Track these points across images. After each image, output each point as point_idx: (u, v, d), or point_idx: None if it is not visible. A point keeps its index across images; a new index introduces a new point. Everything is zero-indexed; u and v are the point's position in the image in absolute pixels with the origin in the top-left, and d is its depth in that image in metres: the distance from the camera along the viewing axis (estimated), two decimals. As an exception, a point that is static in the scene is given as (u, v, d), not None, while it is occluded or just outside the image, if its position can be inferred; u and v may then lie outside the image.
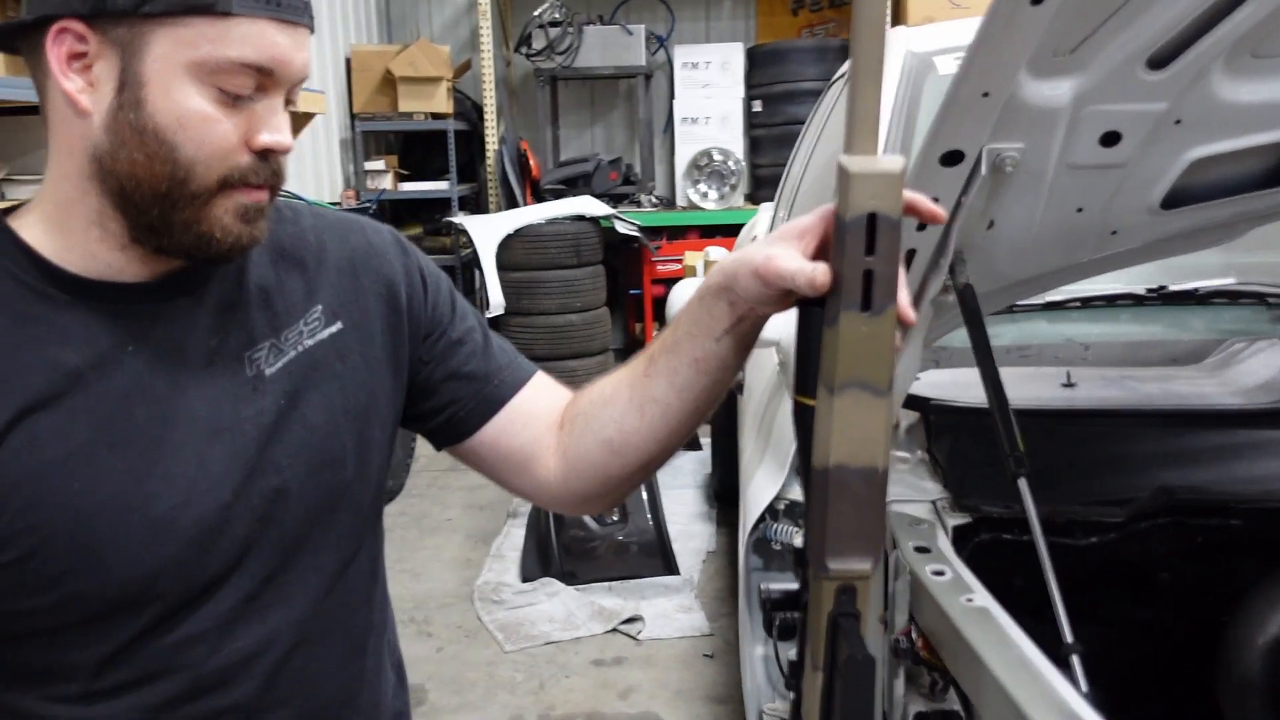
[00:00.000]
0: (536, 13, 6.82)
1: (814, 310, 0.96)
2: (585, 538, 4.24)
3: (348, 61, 6.67)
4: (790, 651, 1.28)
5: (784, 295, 0.97)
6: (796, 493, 1.75)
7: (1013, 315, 1.59)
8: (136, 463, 0.92)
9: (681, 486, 4.97)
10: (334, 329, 1.07)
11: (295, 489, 1.01)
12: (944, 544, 1.24)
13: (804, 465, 1.03)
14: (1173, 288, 1.54)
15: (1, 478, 0.87)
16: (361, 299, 1.10)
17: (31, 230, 0.93)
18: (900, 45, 2.23)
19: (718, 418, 4.57)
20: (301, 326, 1.05)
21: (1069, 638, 1.06)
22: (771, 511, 1.73)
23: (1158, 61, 1.12)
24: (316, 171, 6.23)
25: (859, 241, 0.90)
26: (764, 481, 1.83)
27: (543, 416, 1.17)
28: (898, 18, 6.62)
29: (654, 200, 7.17)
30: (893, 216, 0.90)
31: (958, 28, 2.48)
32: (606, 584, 4.00)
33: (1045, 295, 1.58)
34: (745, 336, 1.06)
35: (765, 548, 1.79)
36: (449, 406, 1.15)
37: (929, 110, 2.06)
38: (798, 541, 1.70)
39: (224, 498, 0.96)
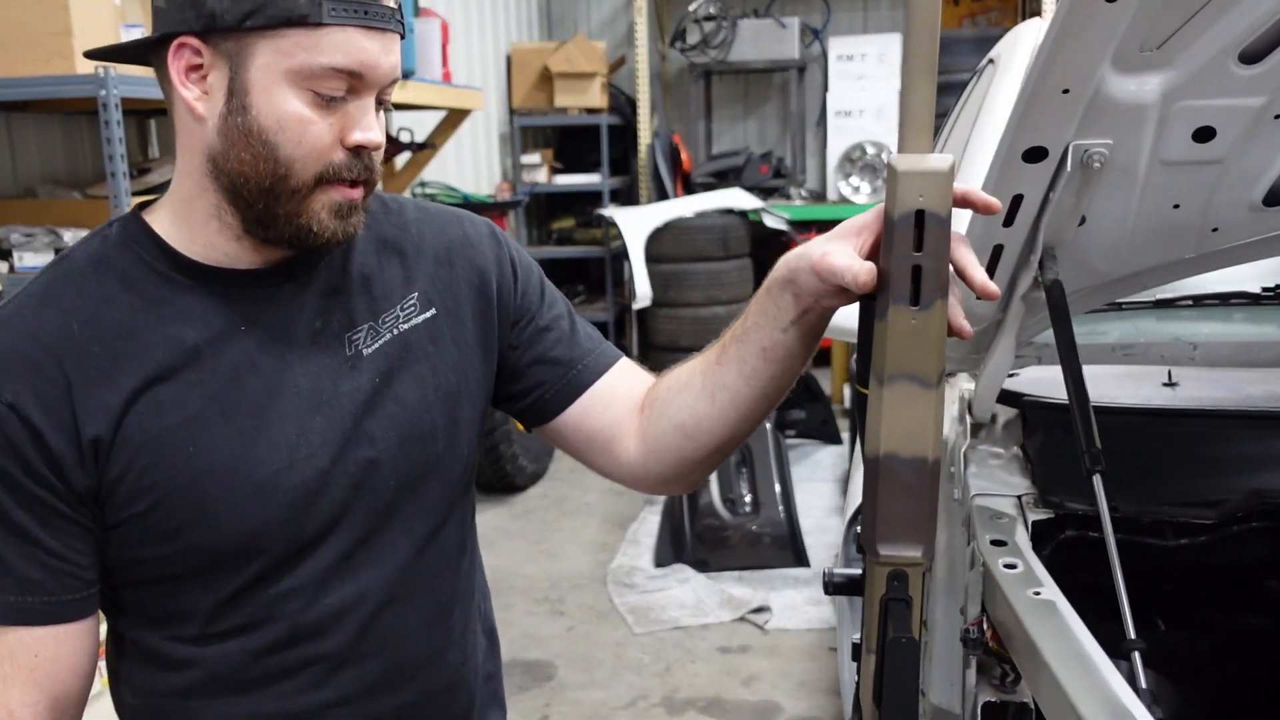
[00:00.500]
0: (691, 7, 6.89)
1: (871, 304, 0.99)
2: (718, 527, 4.29)
3: (508, 59, 6.88)
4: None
5: (842, 290, 1.01)
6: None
7: (1121, 313, 1.56)
8: (245, 430, 1.03)
9: (819, 480, 4.97)
10: (428, 314, 1.16)
11: (388, 459, 1.10)
12: (1021, 538, 1.24)
13: (862, 453, 1.06)
14: (1291, 287, 1.49)
15: (129, 440, 0.99)
16: (455, 287, 1.18)
17: (161, 222, 1.05)
18: (1029, 40, 2.20)
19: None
20: (398, 311, 1.14)
21: (1131, 634, 1.06)
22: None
23: (1251, 56, 1.09)
24: (476, 165, 6.47)
25: (907, 238, 0.93)
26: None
27: (624, 400, 1.23)
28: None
29: (804, 194, 7.14)
30: (940, 214, 0.92)
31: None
32: (737, 573, 4.05)
33: (1156, 292, 1.55)
34: (812, 327, 1.09)
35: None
36: (536, 389, 1.23)
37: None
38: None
39: (322, 464, 1.06)
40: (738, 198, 6.51)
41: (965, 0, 7.46)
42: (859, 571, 1.13)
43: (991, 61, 2.49)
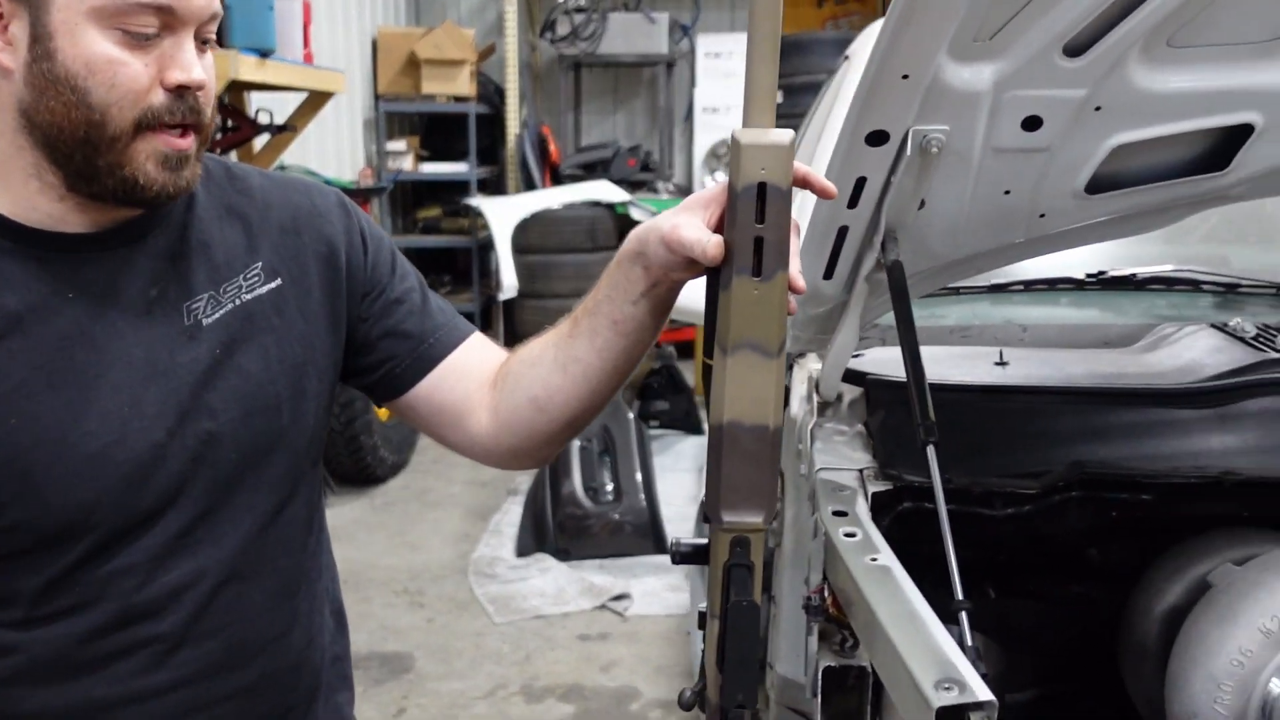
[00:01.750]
0: (561, -1, 6.88)
1: (717, 276, 1.01)
2: (580, 515, 4.31)
3: (374, 42, 6.75)
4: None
5: (691, 262, 1.03)
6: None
7: (958, 297, 1.63)
8: (74, 401, 0.99)
9: (681, 470, 5.03)
10: (273, 285, 1.13)
11: (229, 432, 1.07)
12: (861, 509, 1.29)
13: (707, 421, 1.08)
14: (1112, 273, 1.58)
15: None
16: (301, 257, 1.16)
17: None
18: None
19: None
20: (241, 281, 1.11)
21: (959, 595, 1.11)
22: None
23: (1074, 49, 1.16)
24: (338, 150, 6.32)
25: (749, 210, 0.95)
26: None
27: (476, 374, 1.23)
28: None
29: (671, 188, 7.21)
30: (782, 186, 0.95)
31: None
32: (599, 561, 4.07)
33: (989, 277, 1.62)
34: (661, 300, 1.11)
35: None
36: (386, 363, 1.21)
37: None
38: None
39: (157, 437, 1.02)
40: (606, 190, 6.54)
41: (828, 3, 7.65)
42: (704, 541, 1.16)
43: (847, 58, 2.57)
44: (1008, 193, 1.31)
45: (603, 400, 1.19)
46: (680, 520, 4.38)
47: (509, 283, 6.12)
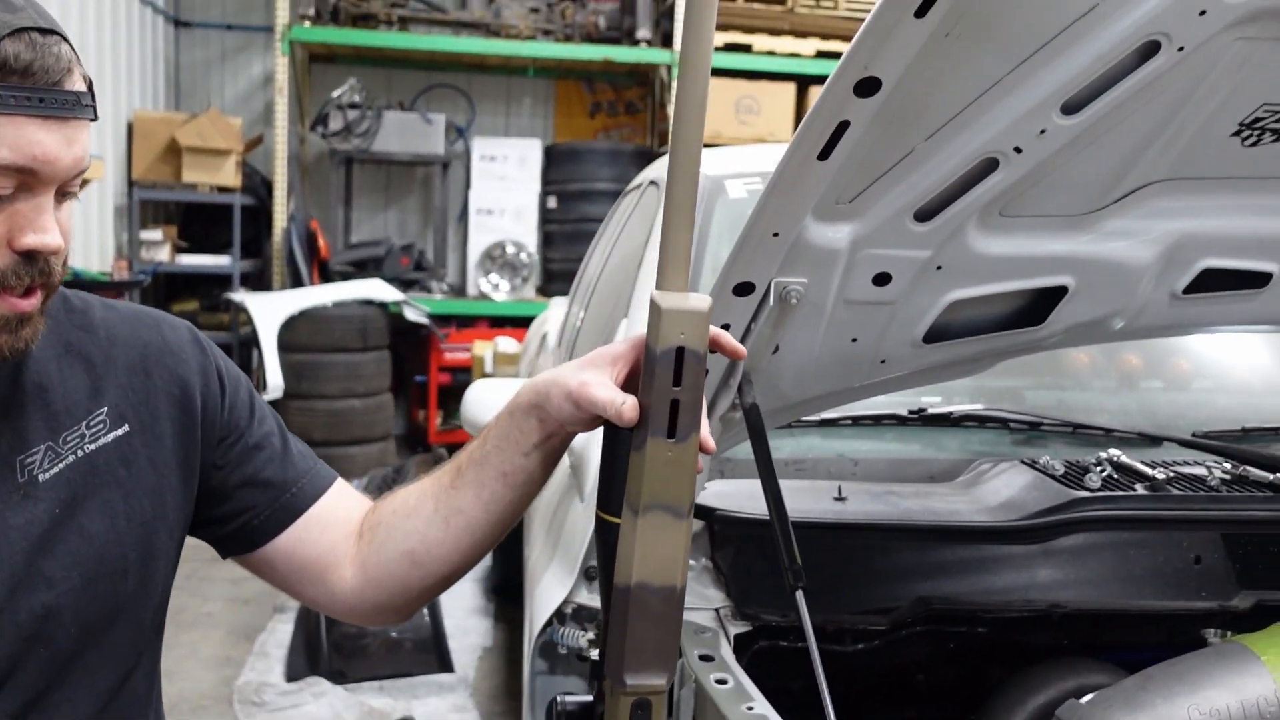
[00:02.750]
0: (335, 93, 6.77)
1: (620, 433, 1.01)
2: (356, 634, 4.11)
3: (129, 126, 6.39)
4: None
5: (594, 418, 1.02)
6: (584, 597, 1.78)
7: (791, 430, 1.69)
8: None
9: (462, 580, 4.90)
10: (119, 432, 1.03)
11: (69, 605, 0.95)
12: (726, 652, 1.29)
13: (604, 579, 1.07)
14: (930, 410, 1.69)
15: None
16: (152, 400, 1.07)
17: None
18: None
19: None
20: (84, 430, 1.01)
21: (837, 741, 1.13)
22: (559, 615, 1.75)
23: (924, 215, 1.25)
24: (87, 239, 5.89)
25: (667, 373, 0.96)
26: (552, 584, 1.85)
27: (341, 525, 1.16)
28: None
29: (445, 288, 7.16)
30: (699, 351, 0.97)
31: (745, 153, 2.65)
32: (378, 683, 3.87)
33: (820, 414, 1.70)
34: (553, 452, 1.10)
35: (551, 651, 1.81)
36: (243, 514, 1.13)
37: (720, 230, 2.20)
38: (585, 647, 1.73)
39: None
40: (378, 288, 6.40)
41: (600, 115, 7.91)
42: (588, 699, 1.13)
43: (654, 184, 2.65)
44: (855, 340, 1.39)
45: (482, 554, 1.15)
46: (461, 634, 4.26)
47: (274, 383, 5.83)
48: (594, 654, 1.57)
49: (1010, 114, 1.15)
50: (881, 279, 1.32)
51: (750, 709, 1.16)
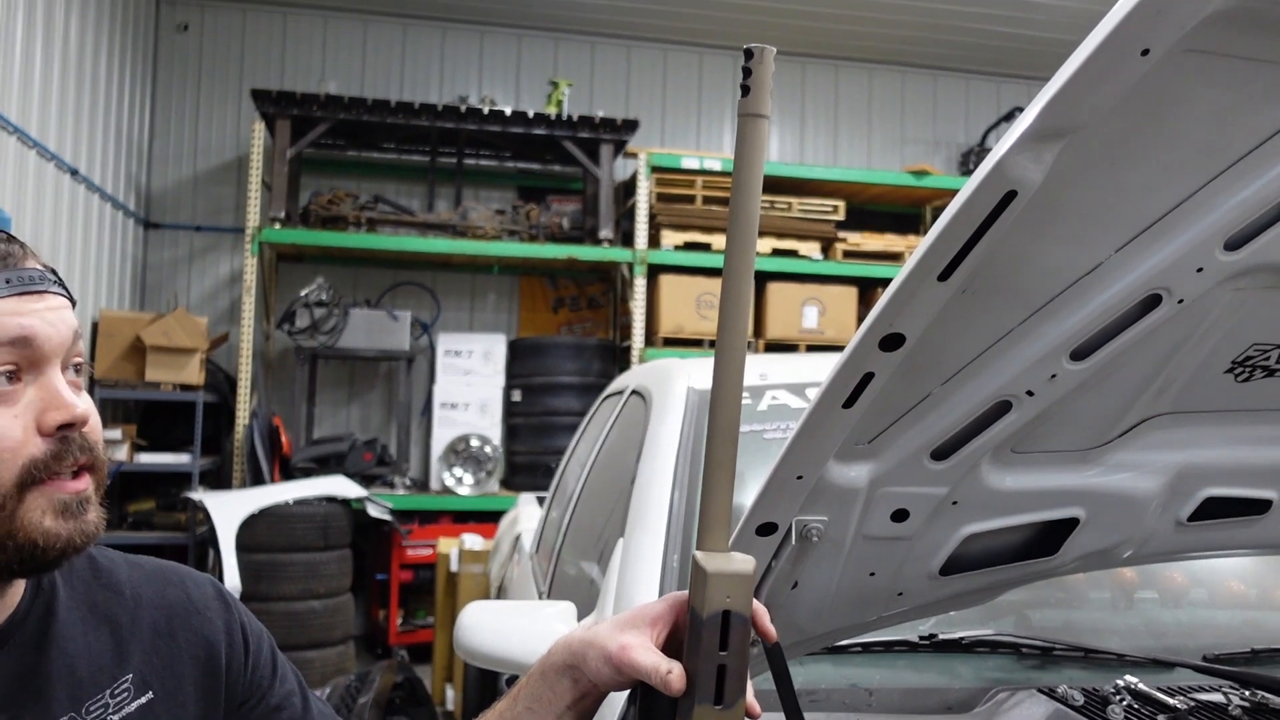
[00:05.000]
0: (303, 292, 6.86)
1: (659, 697, 0.99)
2: None
3: (95, 325, 6.39)
4: None
5: (634, 681, 1.00)
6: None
7: (800, 659, 1.67)
8: None
9: (427, 796, 4.65)
10: (144, 699, 1.00)
11: None
12: None
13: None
14: (942, 636, 1.68)
15: None
16: (177, 664, 1.04)
17: None
18: (681, 380, 2.41)
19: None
20: (108, 699, 0.98)
21: None
22: None
23: (940, 454, 1.28)
24: (44, 438, 5.79)
25: (714, 637, 0.95)
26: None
27: None
28: (651, 324, 7.10)
29: (408, 483, 7.09)
30: (745, 614, 0.96)
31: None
32: None
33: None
34: (586, 712, 1.07)
35: None
36: None
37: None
38: None
39: None
40: (341, 485, 6.32)
41: (563, 310, 8.07)
42: None
43: (638, 394, 2.69)
44: (872, 574, 1.39)
45: None
46: None
47: (232, 584, 5.65)
48: None
49: (1022, 361, 1.20)
50: (899, 515, 1.33)
51: None
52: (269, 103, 6.67)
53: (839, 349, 1.36)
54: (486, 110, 6.98)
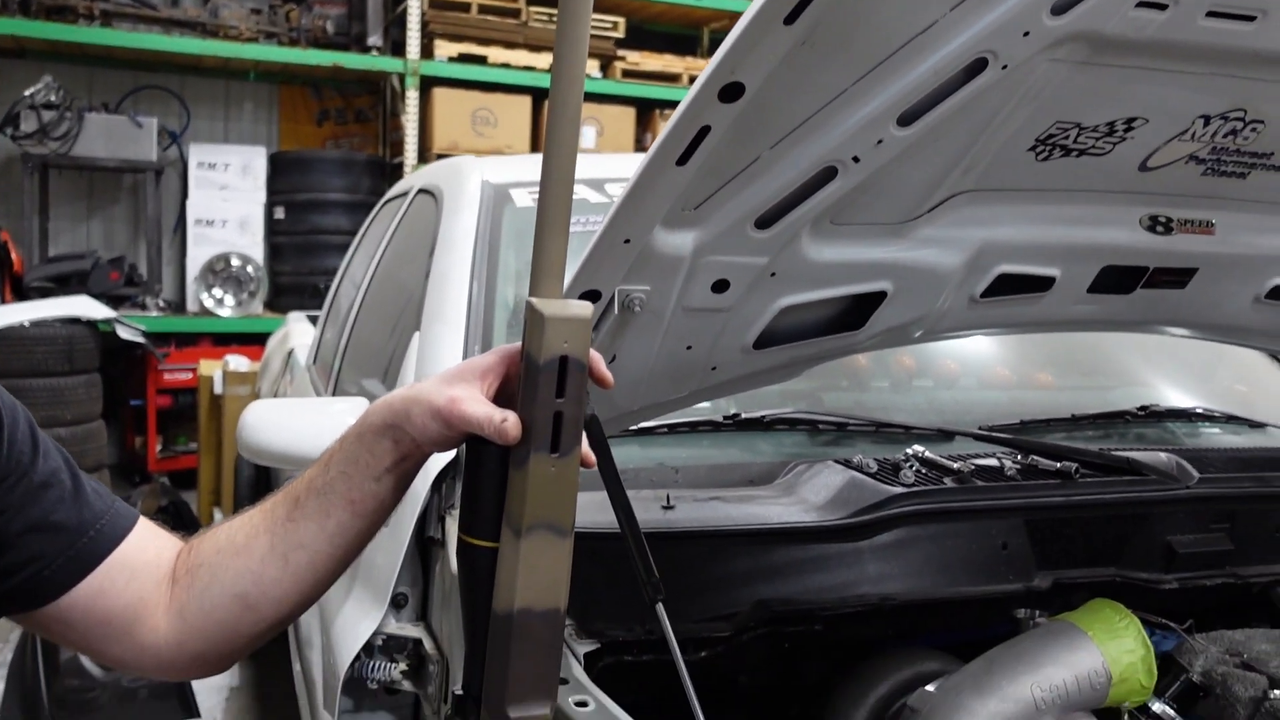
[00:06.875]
0: (28, 91, 6.11)
1: (489, 451, 0.95)
2: (83, 687, 3.71)
3: None
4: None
5: (461, 436, 0.96)
6: (394, 627, 1.68)
7: (610, 439, 1.67)
8: None
9: (199, 618, 4.54)
10: None
11: None
12: (580, 673, 1.25)
13: (470, 607, 1.00)
14: (744, 415, 1.72)
15: None
16: None
17: None
18: (475, 175, 2.30)
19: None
20: None
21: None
22: (368, 648, 1.64)
23: (763, 222, 1.27)
24: None
25: (550, 384, 0.91)
26: (356, 616, 1.73)
27: (150, 570, 1.03)
28: (424, 141, 6.81)
29: (161, 304, 6.63)
30: (582, 360, 0.92)
31: (527, 163, 2.61)
32: (114, 739, 3.52)
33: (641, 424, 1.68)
34: (406, 476, 1.02)
35: (358, 687, 1.69)
36: (30, 564, 0.98)
37: (509, 239, 2.14)
38: (399, 679, 1.63)
39: None
40: (84, 306, 5.83)
41: (328, 123, 7.60)
42: (453, 736, 1.06)
43: (426, 193, 2.55)
44: (689, 348, 1.39)
45: (324, 591, 1.06)
46: (205, 676, 3.93)
47: (-37, 413, 5.19)
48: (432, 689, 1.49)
49: (852, 124, 1.19)
50: (720, 286, 1.32)
51: (620, 730, 1.12)
52: None
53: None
54: (237, -107, 6.30)
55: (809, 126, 1.18)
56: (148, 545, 1.04)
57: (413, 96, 6.75)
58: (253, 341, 6.13)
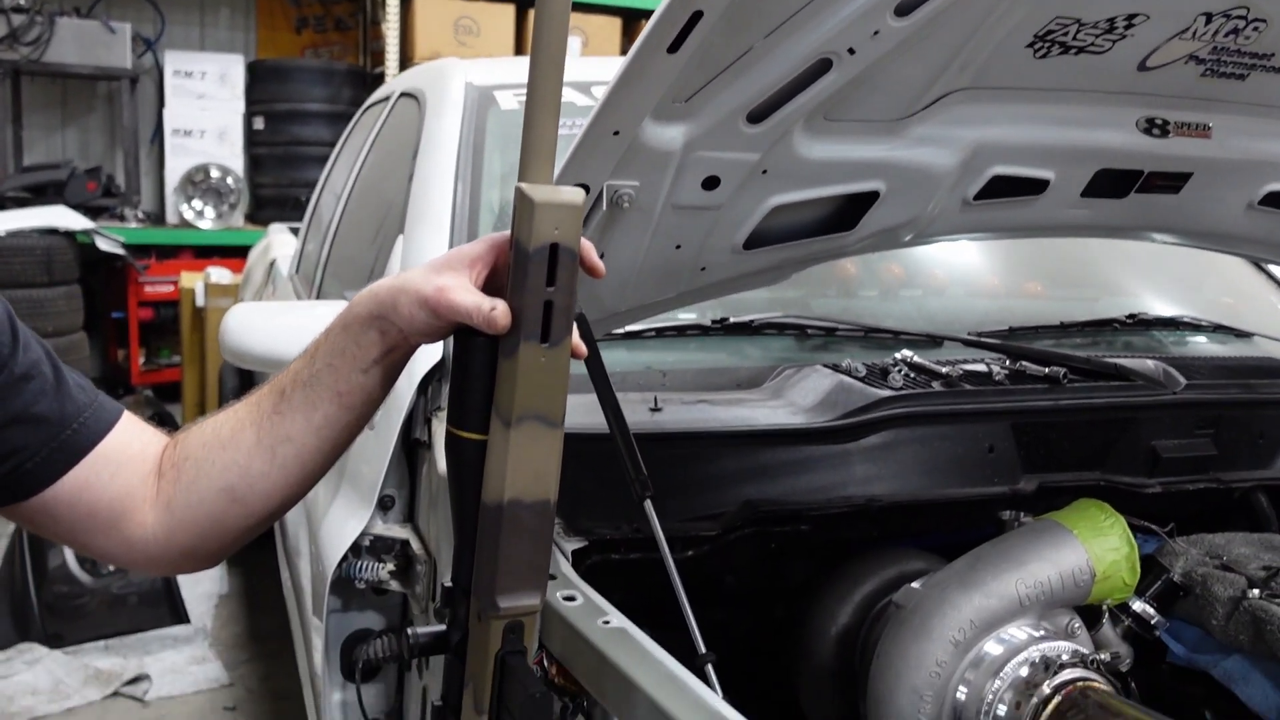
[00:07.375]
0: (-4, -6, 5.95)
1: (477, 341, 0.93)
2: (73, 593, 3.74)
3: None
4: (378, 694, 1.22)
5: (449, 326, 0.94)
6: (380, 528, 1.68)
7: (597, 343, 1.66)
8: None
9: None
10: None
11: None
12: (567, 569, 1.25)
13: (459, 502, 0.99)
14: (732, 320, 1.71)
15: None
16: None
17: None
18: (459, 77, 2.25)
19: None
20: None
21: (702, 649, 1.13)
22: (355, 549, 1.65)
23: (756, 116, 1.24)
24: None
25: (541, 272, 0.89)
26: (344, 517, 1.74)
27: (136, 463, 1.02)
28: (405, 50, 6.66)
29: (140, 215, 6.54)
30: (573, 248, 0.90)
31: (512, 65, 2.55)
32: (103, 642, 3.55)
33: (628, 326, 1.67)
34: (394, 367, 1.01)
35: (345, 587, 1.70)
36: (13, 456, 0.96)
37: (494, 142, 2.10)
38: (386, 578, 1.64)
39: None
40: (62, 216, 5.76)
41: (307, 31, 7.42)
42: (443, 628, 1.06)
43: (409, 96, 2.50)
44: (679, 247, 1.37)
45: (312, 484, 1.05)
46: (193, 582, 3.97)
47: (-59, 323, 5.13)
48: (446, 582, 1.50)
49: (849, 13, 1.15)
50: (710, 182, 1.30)
51: (607, 623, 1.13)
52: None
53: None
54: None
55: (804, 15, 1.15)
56: (133, 439, 1.03)
57: (393, 4, 6.58)
58: (234, 254, 6.06)
